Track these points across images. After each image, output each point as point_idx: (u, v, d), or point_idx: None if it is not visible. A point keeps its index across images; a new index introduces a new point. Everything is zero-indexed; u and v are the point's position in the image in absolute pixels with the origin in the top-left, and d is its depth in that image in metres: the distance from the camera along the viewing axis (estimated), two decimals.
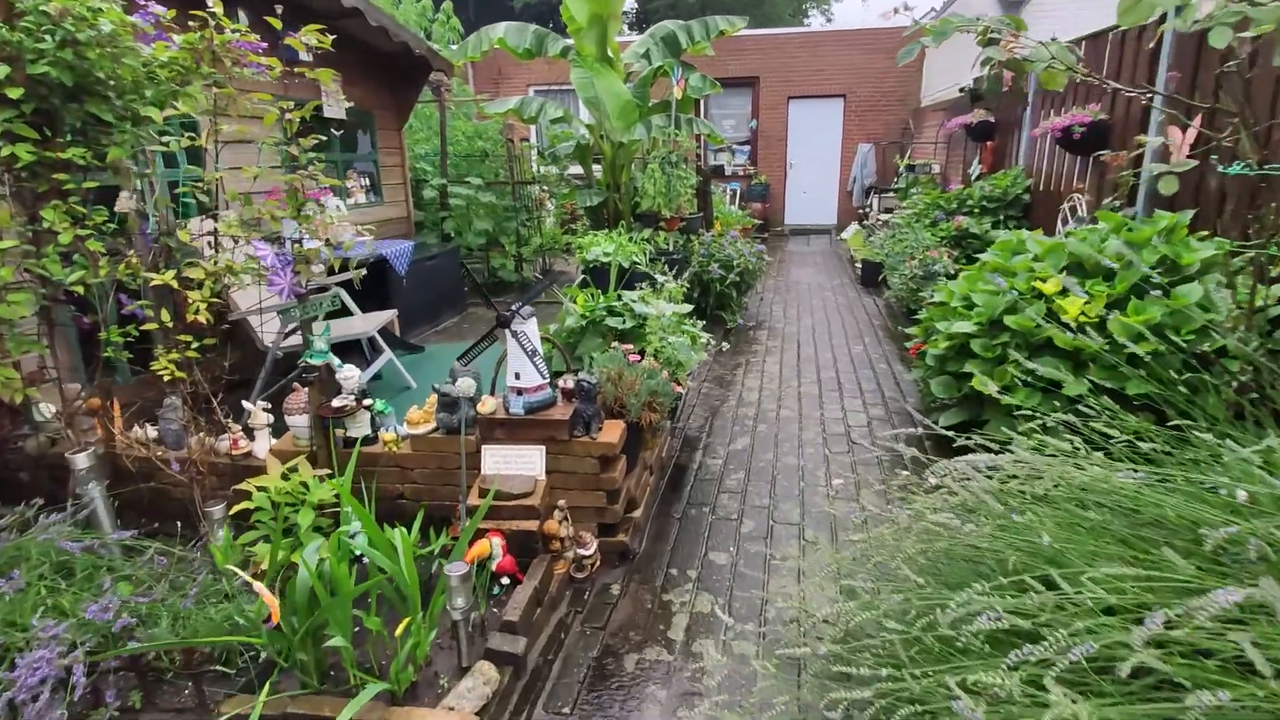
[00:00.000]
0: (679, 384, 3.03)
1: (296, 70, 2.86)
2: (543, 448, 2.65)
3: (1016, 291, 3.33)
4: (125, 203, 2.81)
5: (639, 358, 3.04)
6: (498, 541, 2.46)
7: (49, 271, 2.62)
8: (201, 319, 2.63)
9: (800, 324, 6.75)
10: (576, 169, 8.91)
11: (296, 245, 2.64)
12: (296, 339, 4.10)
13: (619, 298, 3.47)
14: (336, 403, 2.71)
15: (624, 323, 3.22)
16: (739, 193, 13.44)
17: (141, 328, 2.71)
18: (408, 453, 2.82)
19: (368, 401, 2.84)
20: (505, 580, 2.48)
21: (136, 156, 2.90)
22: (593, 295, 3.65)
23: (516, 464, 2.65)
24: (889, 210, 10.76)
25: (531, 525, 2.54)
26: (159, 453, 2.98)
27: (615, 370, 2.86)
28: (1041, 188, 6.27)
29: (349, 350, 4.71)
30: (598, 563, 2.74)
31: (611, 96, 6.95)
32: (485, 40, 7.09)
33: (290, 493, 2.47)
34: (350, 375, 2.82)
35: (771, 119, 13.43)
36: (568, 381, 2.70)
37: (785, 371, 5.29)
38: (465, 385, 2.45)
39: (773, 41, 13.09)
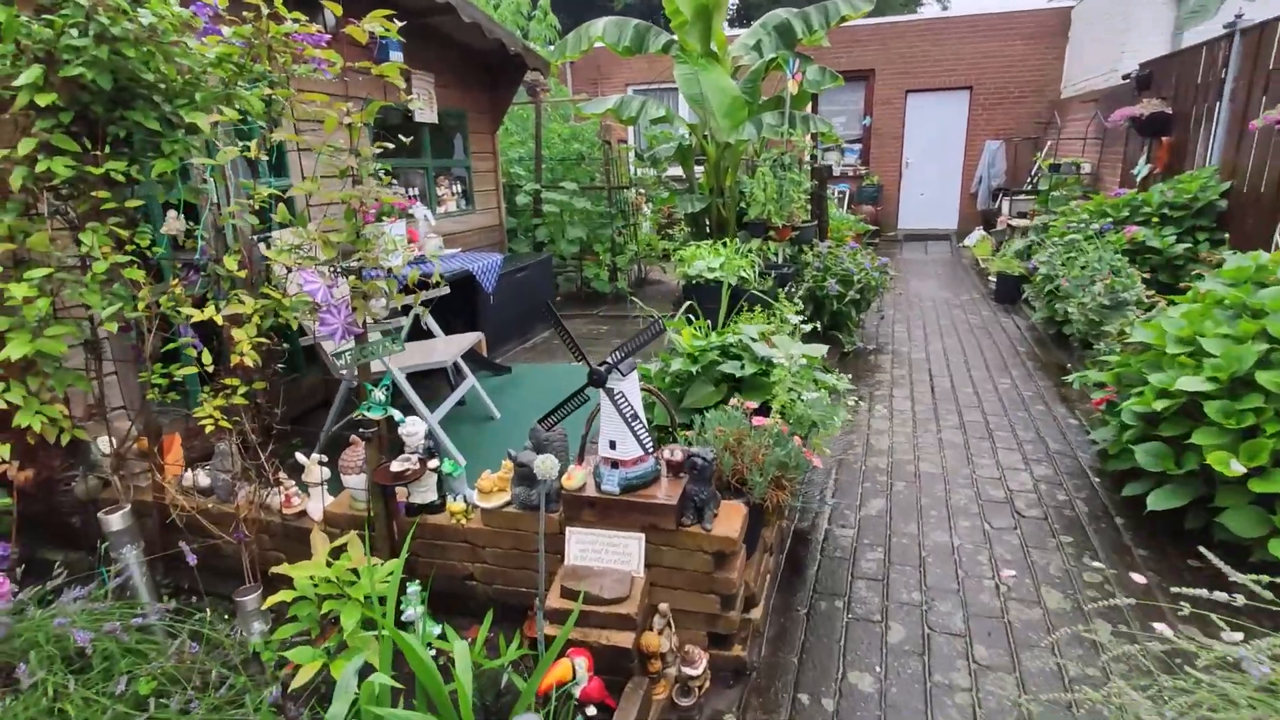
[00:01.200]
0: (814, 452, 2.40)
1: (360, 68, 2.41)
2: (642, 536, 2.09)
3: (1272, 337, 2.49)
4: (173, 224, 2.46)
5: (763, 416, 2.43)
6: (581, 662, 1.92)
7: (90, 302, 2.29)
8: (248, 361, 2.22)
9: (929, 348, 5.91)
10: (677, 171, 8.35)
11: (354, 278, 2.18)
12: (376, 364, 3.75)
13: (735, 333, 2.86)
14: (396, 466, 2.25)
15: (742, 368, 2.62)
16: (848, 195, 12.49)
17: (188, 365, 2.34)
18: (478, 527, 2.32)
19: (434, 463, 2.36)
20: (591, 710, 1.94)
21: (189, 171, 2.55)
22: (700, 328, 3.06)
23: (608, 554, 2.10)
24: (1022, 215, 9.59)
25: (626, 639, 1.98)
26: (207, 505, 2.63)
27: (734, 435, 2.26)
28: (1248, 192, 5.15)
29: (430, 374, 4.32)
30: (707, 684, 2.15)
31: (717, 93, 6.33)
32: (584, 38, 6.64)
33: (336, 580, 2.02)
34: (414, 431, 2.35)
35: (887, 114, 12.40)
36: (675, 453, 2.12)
37: (919, 410, 4.52)
38: (546, 466, 1.93)
39: (891, 30, 12.07)
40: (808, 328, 3.27)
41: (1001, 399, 4.64)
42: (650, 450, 2.07)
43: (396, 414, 2.32)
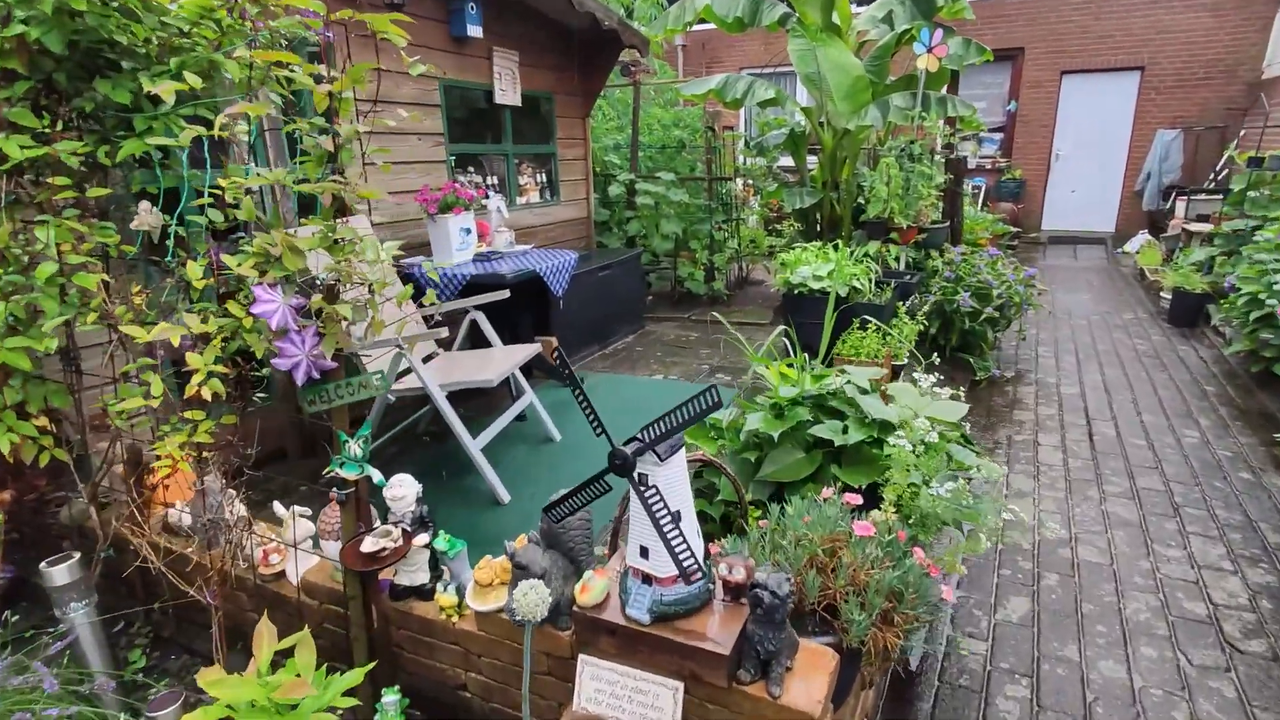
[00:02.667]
0: (943, 568, 1.67)
1: (338, 19, 1.88)
2: (679, 687, 1.45)
3: None
4: (145, 218, 2.04)
5: (864, 503, 1.72)
6: None
7: (46, 309, 1.90)
8: (205, 393, 1.76)
9: (1084, 380, 4.86)
10: (789, 161, 7.54)
11: (319, 298, 1.66)
12: (412, 380, 3.30)
13: (839, 374, 2.15)
14: (369, 545, 1.72)
15: (844, 431, 1.91)
16: (983, 190, 11.13)
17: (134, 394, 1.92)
18: (471, 630, 1.77)
19: (421, 540, 1.81)
20: None
21: (171, 154, 2.13)
22: (797, 363, 2.36)
23: (631, 705, 1.49)
24: (1203, 218, 8.06)
25: None
26: (186, 551, 2.23)
27: (824, 543, 1.58)
28: None
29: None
30: None
31: (837, 71, 5.50)
32: (688, 9, 5.96)
33: (271, 704, 1.52)
34: (402, 495, 1.82)
35: (1036, 99, 10.91)
36: (735, 569, 1.47)
37: (1074, 466, 3.59)
38: (526, 604, 1.34)
39: (1045, 3, 10.57)
40: (959, 408, 2.51)
41: (1189, 459, 3.62)
42: (698, 561, 1.43)
43: (376, 475, 1.79)
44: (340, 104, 1.78)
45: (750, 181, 8.04)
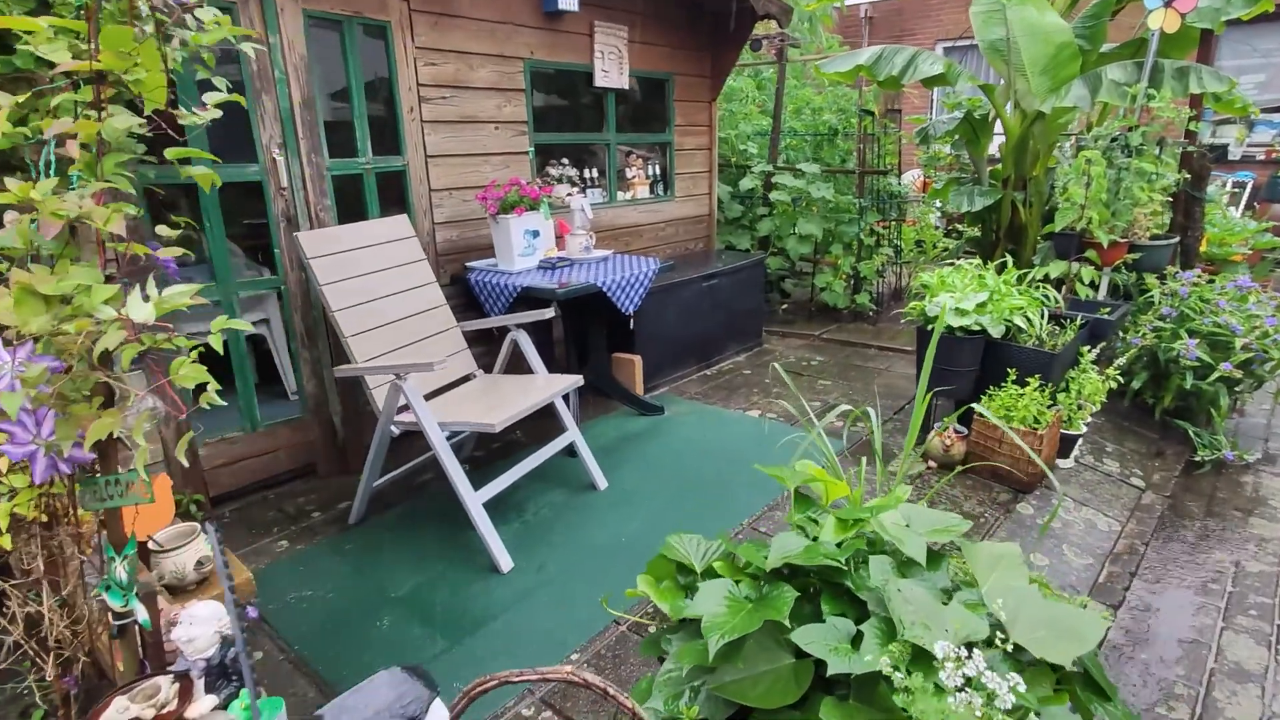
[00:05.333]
0: None
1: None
2: None
3: None
4: None
5: None
6: None
7: None
8: None
9: None
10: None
11: (37, 369, 1.16)
12: (407, 414, 2.82)
13: (888, 508, 1.31)
14: (117, 711, 1.22)
15: (854, 647, 1.09)
16: (1248, 189, 8.71)
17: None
18: None
19: (205, 704, 1.28)
20: None
21: None
22: (854, 475, 1.53)
23: None
24: None
25: None
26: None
27: None
28: None
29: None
30: None
31: (1033, 37, 4.25)
32: None
33: None
34: (193, 637, 1.30)
35: None
36: None
37: None
38: None
39: None
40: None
41: None
42: None
43: (142, 614, 1.28)
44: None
45: (929, 177, 6.82)
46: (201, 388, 1.24)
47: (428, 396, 3.03)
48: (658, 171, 5.15)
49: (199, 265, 3.16)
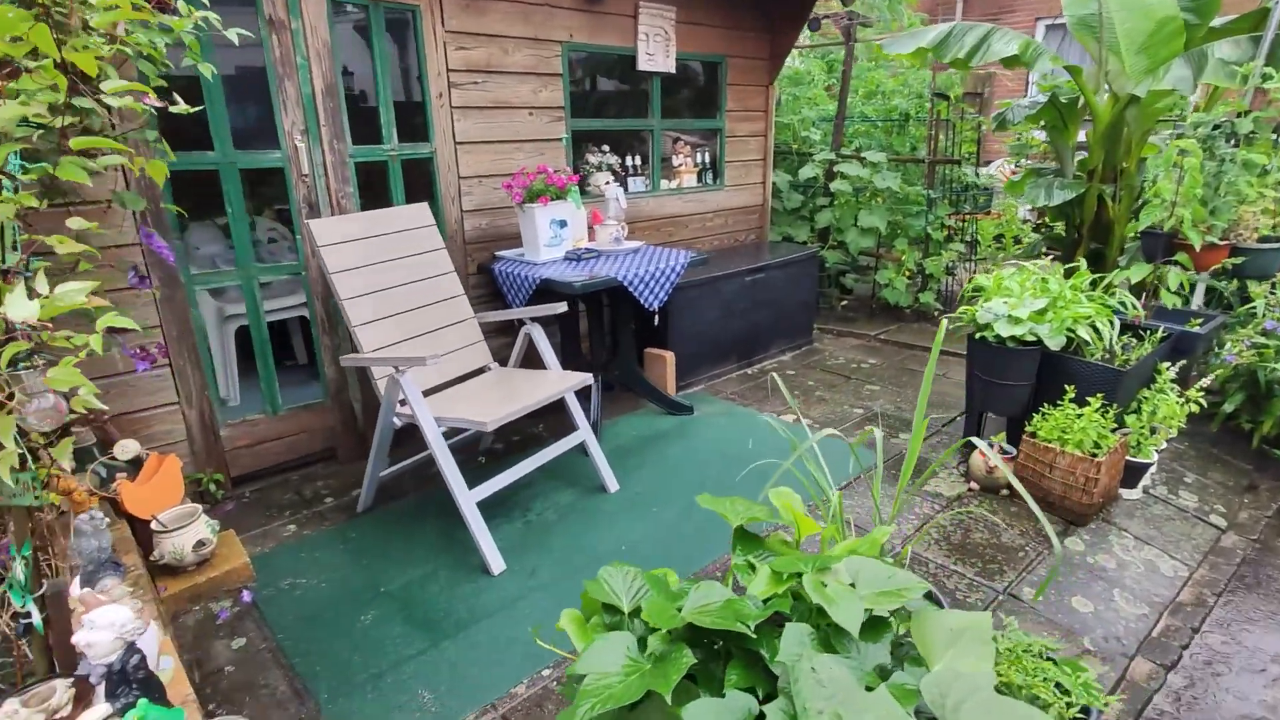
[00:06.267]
0: None
1: None
2: None
3: None
4: None
5: None
6: None
7: None
8: None
9: None
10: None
11: None
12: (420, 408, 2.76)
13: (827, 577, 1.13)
14: (6, 717, 1.19)
15: None
16: None
17: None
18: None
19: (99, 712, 1.24)
20: None
21: None
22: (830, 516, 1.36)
23: None
24: None
25: None
26: None
27: None
28: None
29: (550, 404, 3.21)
30: None
31: (1129, 10, 3.79)
32: None
33: None
34: (95, 642, 1.26)
35: None
36: None
37: None
38: None
39: None
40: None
41: None
42: None
43: (36, 618, 1.25)
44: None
45: (1015, 166, 6.27)
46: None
47: (438, 389, 2.98)
48: (707, 159, 4.94)
49: (229, 250, 3.22)
